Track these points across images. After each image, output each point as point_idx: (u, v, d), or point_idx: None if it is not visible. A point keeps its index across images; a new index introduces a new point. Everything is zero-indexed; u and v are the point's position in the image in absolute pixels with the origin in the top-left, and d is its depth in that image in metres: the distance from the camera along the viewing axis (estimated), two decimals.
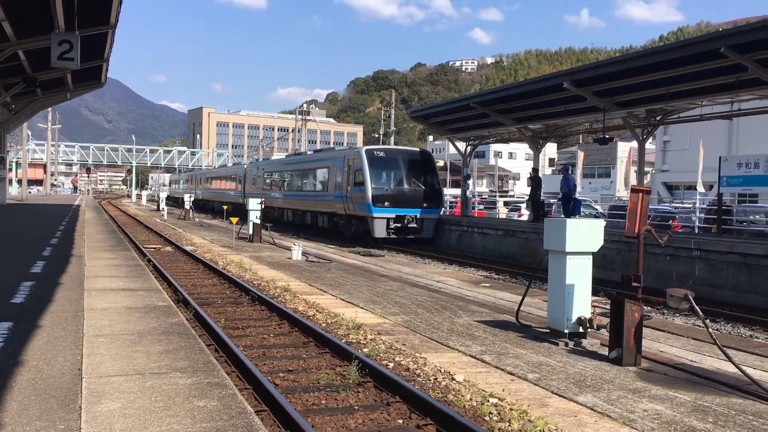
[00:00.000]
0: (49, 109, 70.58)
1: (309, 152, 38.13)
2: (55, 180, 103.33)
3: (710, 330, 7.57)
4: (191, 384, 5.61)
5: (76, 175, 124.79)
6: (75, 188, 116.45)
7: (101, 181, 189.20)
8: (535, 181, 26.40)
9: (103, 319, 8.24)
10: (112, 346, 6.88)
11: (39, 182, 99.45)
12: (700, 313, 7.42)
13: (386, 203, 25.27)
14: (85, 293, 10.16)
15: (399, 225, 25.43)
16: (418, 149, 30.03)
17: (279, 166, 39.01)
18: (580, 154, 41.18)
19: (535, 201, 26.37)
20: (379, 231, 25.24)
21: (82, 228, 25.04)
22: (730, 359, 7.10)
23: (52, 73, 19.45)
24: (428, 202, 26.20)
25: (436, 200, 26.89)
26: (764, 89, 17.94)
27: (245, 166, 44.91)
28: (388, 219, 25.30)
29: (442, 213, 28.46)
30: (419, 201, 26.05)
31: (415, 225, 25.75)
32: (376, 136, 79.86)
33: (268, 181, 39.16)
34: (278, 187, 37.32)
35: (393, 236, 25.51)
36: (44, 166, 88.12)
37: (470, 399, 6.26)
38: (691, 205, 26.24)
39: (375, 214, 25.11)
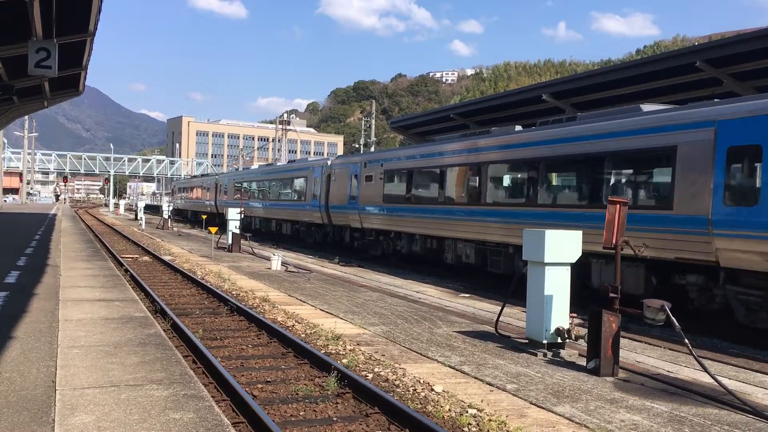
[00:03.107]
0: (26, 117, 69.79)
1: (535, 126, 16.19)
2: (32, 189, 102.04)
3: (686, 341, 7.64)
4: (167, 396, 5.56)
5: (59, 184, 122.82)
6: (58, 197, 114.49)
7: (78, 190, 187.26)
8: None
9: (79, 330, 8.14)
10: (87, 358, 6.79)
11: (15, 191, 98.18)
12: (677, 325, 7.49)
13: None
14: (61, 304, 10.04)
15: None
16: None
17: (450, 155, 18.73)
18: None
19: None
20: None
21: (59, 237, 24.75)
22: (706, 369, 7.17)
23: (29, 81, 19.22)
24: None
25: None
26: None
27: (329, 162, 27.81)
28: None
29: None
30: None
31: None
32: (357, 146, 79.93)
33: (400, 187, 21.42)
34: (433, 199, 19.26)
35: None
36: (20, 175, 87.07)
37: (449, 410, 6.26)
38: None
39: None
